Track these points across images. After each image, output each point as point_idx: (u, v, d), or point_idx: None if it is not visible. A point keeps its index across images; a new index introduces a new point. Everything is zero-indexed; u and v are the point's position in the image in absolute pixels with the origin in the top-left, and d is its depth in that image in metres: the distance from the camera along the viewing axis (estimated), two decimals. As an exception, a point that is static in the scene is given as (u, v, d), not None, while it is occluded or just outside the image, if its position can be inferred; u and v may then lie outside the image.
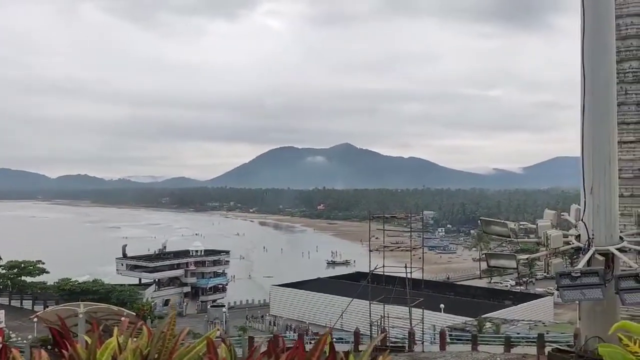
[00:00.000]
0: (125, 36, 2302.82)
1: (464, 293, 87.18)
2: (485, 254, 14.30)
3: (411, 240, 43.99)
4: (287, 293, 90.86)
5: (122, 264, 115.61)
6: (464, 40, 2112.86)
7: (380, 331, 37.66)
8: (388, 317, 39.00)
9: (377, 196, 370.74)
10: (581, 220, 12.11)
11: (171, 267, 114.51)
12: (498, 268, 16.35)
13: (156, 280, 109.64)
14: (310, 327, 78.53)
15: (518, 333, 50.68)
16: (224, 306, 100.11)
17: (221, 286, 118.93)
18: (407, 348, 31.95)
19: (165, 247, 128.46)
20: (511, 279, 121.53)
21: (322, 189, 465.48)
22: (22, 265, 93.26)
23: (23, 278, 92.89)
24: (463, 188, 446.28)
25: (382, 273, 42.29)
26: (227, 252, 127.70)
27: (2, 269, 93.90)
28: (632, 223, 13.51)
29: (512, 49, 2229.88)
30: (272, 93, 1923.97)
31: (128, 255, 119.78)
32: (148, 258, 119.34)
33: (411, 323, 36.66)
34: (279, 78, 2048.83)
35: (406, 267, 40.18)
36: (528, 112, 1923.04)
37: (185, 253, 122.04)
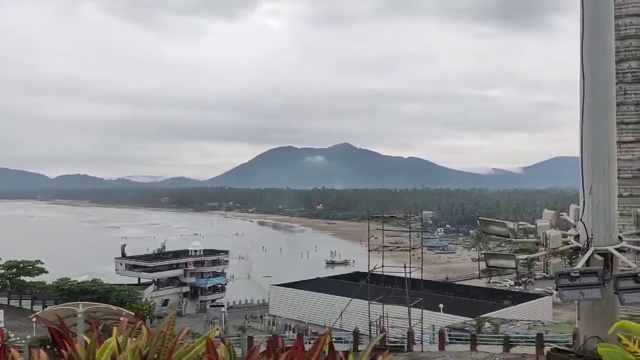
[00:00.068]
0: (125, 36, 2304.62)
1: (463, 293, 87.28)
2: (484, 254, 14.31)
3: (410, 240, 43.92)
4: (286, 293, 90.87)
5: (121, 264, 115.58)
6: (464, 40, 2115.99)
7: (379, 331, 37.63)
8: (387, 317, 38.98)
9: (376, 196, 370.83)
10: (580, 220, 12.11)
11: (170, 267, 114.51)
12: (497, 268, 16.38)
13: (155, 280, 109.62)
14: (309, 327, 78.54)
15: (517, 333, 50.79)
16: (223, 306, 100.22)
17: (220, 286, 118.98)
18: (406, 348, 31.92)
19: (164, 247, 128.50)
20: (510, 279, 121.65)
21: (321, 189, 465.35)
22: (21, 265, 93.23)
23: (22, 278, 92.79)
24: (462, 188, 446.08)
25: (381, 273, 42.26)
26: (226, 252, 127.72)
27: (1, 269, 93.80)
28: (631, 223, 13.51)
29: (512, 49, 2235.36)
30: (272, 93, 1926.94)
31: (127, 255, 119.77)
32: (147, 258, 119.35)
33: (410, 323, 36.66)
34: (279, 78, 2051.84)
35: (405, 267, 40.17)
36: (527, 112, 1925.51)
37: (184, 253, 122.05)
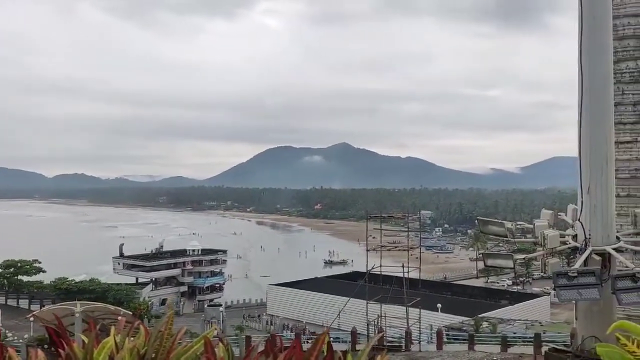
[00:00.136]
0: (124, 36, 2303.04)
1: (461, 293, 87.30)
2: (482, 254, 14.30)
3: (408, 239, 43.92)
4: (284, 292, 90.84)
5: (119, 263, 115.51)
6: (463, 40, 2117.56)
7: (377, 331, 37.64)
8: (385, 317, 39.00)
9: (375, 196, 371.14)
10: (578, 220, 12.12)
11: (168, 267, 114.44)
12: (495, 268, 16.37)
13: (153, 279, 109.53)
14: (307, 327, 78.48)
15: (515, 333, 50.83)
16: (221, 305, 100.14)
17: (218, 285, 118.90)
18: (404, 348, 31.90)
19: (162, 247, 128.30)
20: (508, 279, 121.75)
21: (320, 189, 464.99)
22: (19, 264, 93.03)
23: (19, 277, 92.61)
24: (460, 188, 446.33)
25: (379, 273, 42.29)
26: (224, 252, 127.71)
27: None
28: (629, 223, 13.50)
29: (511, 49, 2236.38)
30: (271, 93, 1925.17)
31: (125, 254, 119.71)
32: (145, 257, 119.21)
33: (408, 323, 36.68)
34: (278, 78, 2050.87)
35: (403, 267, 40.17)
36: (526, 112, 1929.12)
37: (182, 252, 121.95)
